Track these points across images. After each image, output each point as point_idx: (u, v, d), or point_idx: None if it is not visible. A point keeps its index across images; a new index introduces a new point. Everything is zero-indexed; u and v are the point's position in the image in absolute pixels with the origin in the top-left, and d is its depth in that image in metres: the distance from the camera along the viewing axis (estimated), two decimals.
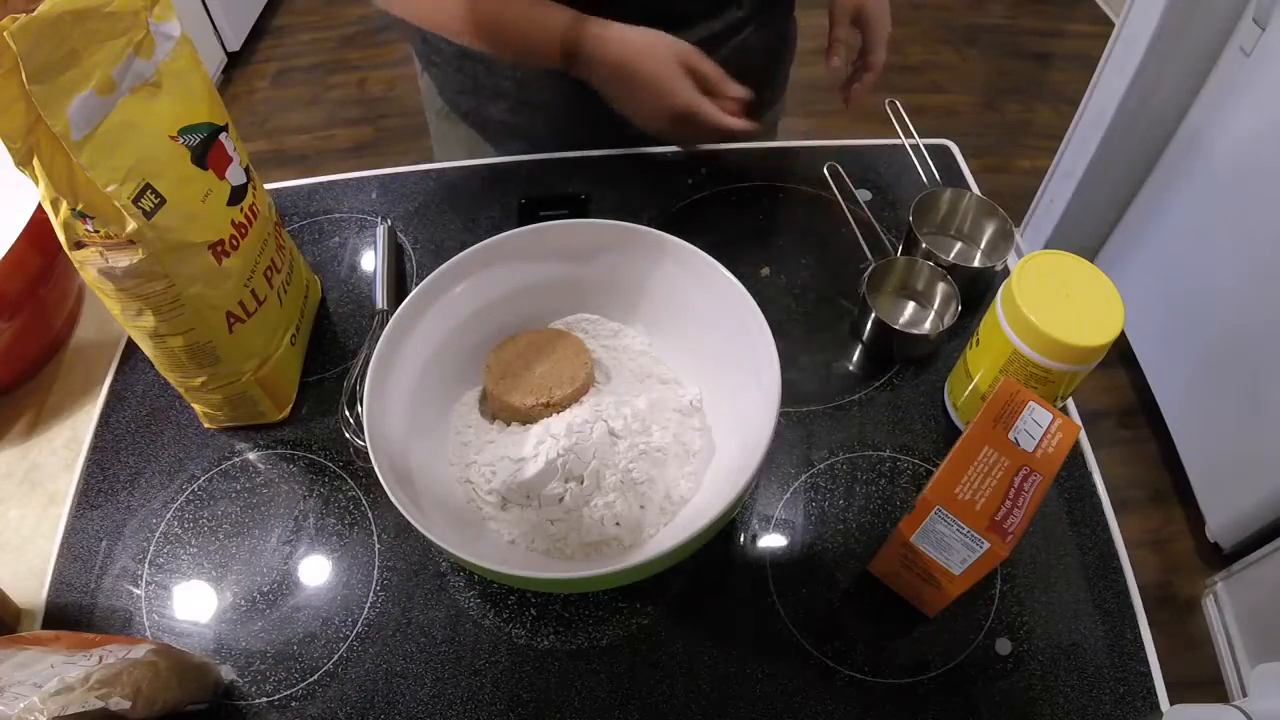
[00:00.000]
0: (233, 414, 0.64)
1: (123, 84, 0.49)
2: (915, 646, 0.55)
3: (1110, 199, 1.68)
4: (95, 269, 0.51)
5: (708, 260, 0.59)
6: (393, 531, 0.60)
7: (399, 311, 0.57)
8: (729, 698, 0.53)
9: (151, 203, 0.50)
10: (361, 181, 0.84)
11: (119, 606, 0.58)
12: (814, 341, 0.71)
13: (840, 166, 0.79)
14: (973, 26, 2.59)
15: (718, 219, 0.80)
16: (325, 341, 0.71)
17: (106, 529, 0.61)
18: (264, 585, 0.58)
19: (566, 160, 0.84)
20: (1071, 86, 1.77)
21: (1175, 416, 1.53)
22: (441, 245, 0.77)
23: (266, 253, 0.61)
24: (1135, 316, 1.66)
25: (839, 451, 0.64)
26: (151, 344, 0.57)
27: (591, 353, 0.63)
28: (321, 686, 0.54)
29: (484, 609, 0.57)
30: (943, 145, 0.85)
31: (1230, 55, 1.37)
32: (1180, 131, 1.51)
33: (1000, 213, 0.73)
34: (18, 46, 0.42)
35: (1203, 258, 1.46)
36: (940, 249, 0.72)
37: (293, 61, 2.51)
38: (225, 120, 0.57)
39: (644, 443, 0.56)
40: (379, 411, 0.53)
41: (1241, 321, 1.36)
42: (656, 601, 0.57)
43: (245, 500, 0.63)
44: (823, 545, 0.59)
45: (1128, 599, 0.57)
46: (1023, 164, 2.16)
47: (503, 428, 0.60)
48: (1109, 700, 0.53)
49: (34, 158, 0.46)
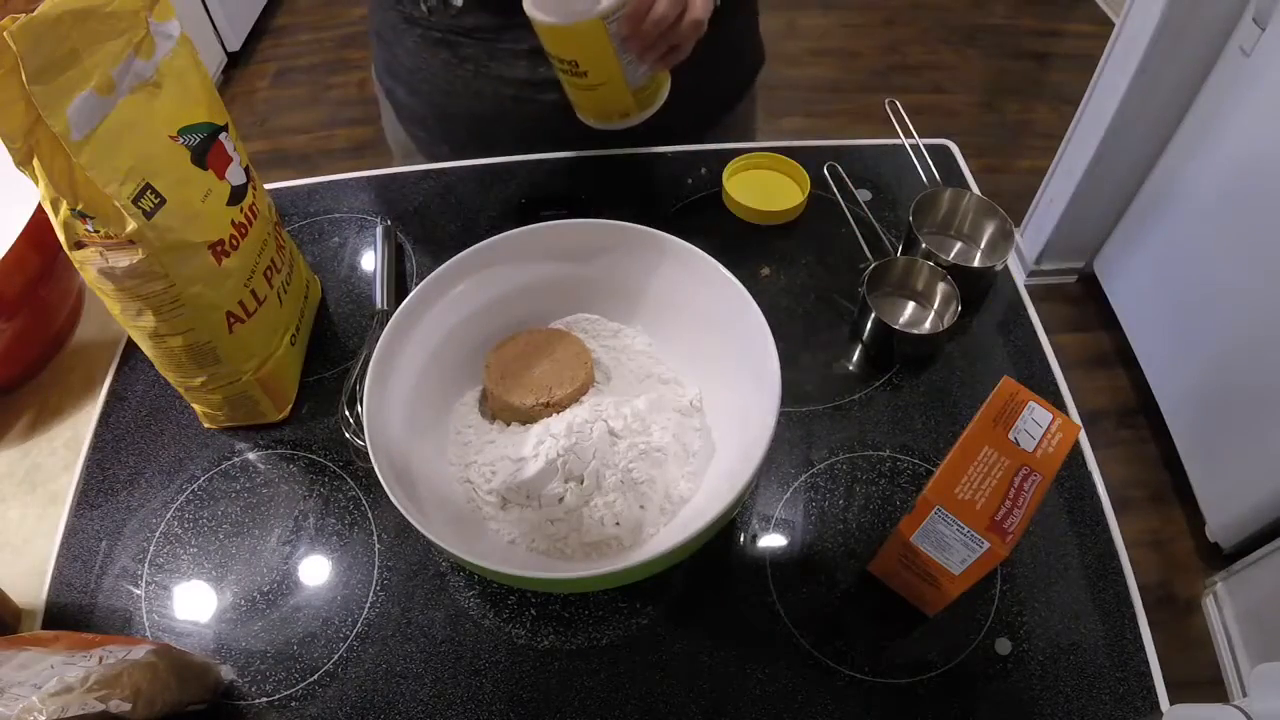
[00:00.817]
0: (233, 414, 0.64)
1: (123, 84, 0.49)
2: (915, 646, 0.55)
3: (1110, 199, 1.68)
4: (95, 269, 0.51)
5: (708, 260, 0.59)
6: (393, 531, 0.60)
7: (399, 311, 0.57)
8: (729, 698, 0.53)
9: (151, 203, 0.50)
10: (361, 181, 0.84)
11: (119, 606, 0.58)
12: (814, 341, 0.71)
13: (840, 166, 0.79)
14: (973, 26, 2.60)
15: (718, 219, 0.80)
16: (325, 341, 0.71)
17: (106, 529, 0.61)
18: (264, 585, 0.58)
19: (566, 160, 0.84)
20: (1071, 86, 1.77)
21: (1175, 416, 1.53)
22: (441, 245, 0.77)
23: (266, 253, 0.61)
24: (1135, 316, 1.67)
25: (839, 451, 0.64)
26: (151, 344, 0.57)
27: (591, 353, 0.63)
28: (321, 686, 0.54)
29: (484, 609, 0.57)
30: (943, 145, 0.85)
31: (1230, 55, 1.37)
32: (1180, 131, 1.51)
33: (1000, 212, 0.73)
34: (18, 46, 0.42)
35: (1203, 258, 1.46)
36: (940, 249, 0.72)
37: (293, 61, 2.51)
38: (225, 120, 0.57)
39: (644, 443, 0.56)
40: (379, 411, 0.53)
41: (1241, 321, 1.36)
42: (656, 601, 0.57)
43: (245, 500, 0.63)
44: (823, 545, 0.59)
45: (1128, 599, 0.57)
46: (1023, 164, 2.16)
47: (503, 428, 0.60)
48: (1109, 700, 0.53)
49: (34, 158, 0.46)
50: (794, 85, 2.39)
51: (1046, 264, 1.85)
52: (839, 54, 2.50)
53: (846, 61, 2.48)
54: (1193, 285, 1.49)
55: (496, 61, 0.82)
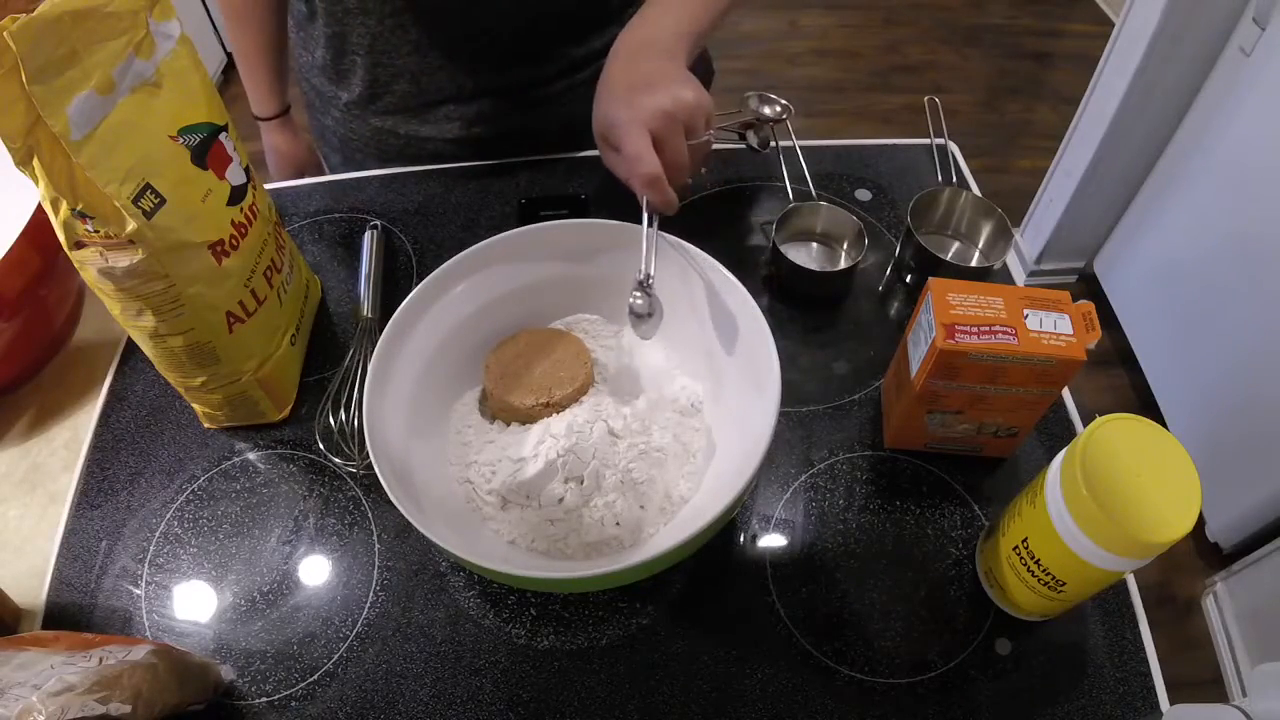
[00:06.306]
0: (233, 414, 0.64)
1: (123, 84, 0.49)
2: (915, 646, 0.55)
3: (1110, 199, 1.68)
4: (95, 269, 0.51)
5: (708, 260, 0.59)
6: (393, 531, 0.60)
7: (399, 311, 0.57)
8: (729, 698, 0.53)
9: (151, 203, 0.50)
10: (361, 181, 0.84)
11: (119, 606, 0.58)
12: (814, 341, 0.71)
13: (840, 166, 0.79)
14: (973, 26, 2.60)
15: (718, 219, 0.80)
16: (325, 341, 0.71)
17: (106, 529, 0.61)
18: (264, 585, 0.58)
19: (566, 160, 0.84)
20: (1071, 86, 1.77)
21: (1175, 416, 1.53)
22: (441, 245, 0.77)
23: (266, 253, 0.61)
24: (1136, 316, 1.67)
25: (839, 451, 0.64)
26: (151, 344, 0.57)
27: (591, 353, 0.63)
28: (321, 686, 0.54)
29: (484, 609, 0.57)
30: (942, 145, 0.85)
31: (1230, 55, 1.37)
32: (1180, 131, 1.51)
33: (998, 212, 0.73)
34: (18, 47, 0.42)
35: (1203, 258, 1.46)
36: (938, 248, 0.72)
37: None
38: (225, 120, 0.57)
39: (644, 443, 0.56)
40: (379, 411, 0.53)
41: (1241, 321, 1.36)
42: (656, 601, 0.57)
43: (245, 500, 0.63)
44: (823, 545, 0.59)
45: (1128, 599, 0.57)
46: (1023, 164, 2.16)
47: (503, 428, 0.60)
48: (1109, 700, 0.53)
49: (34, 158, 0.46)
50: (794, 85, 2.39)
51: (1047, 264, 1.85)
52: (839, 54, 2.50)
53: (846, 61, 2.48)
54: (1193, 285, 1.49)
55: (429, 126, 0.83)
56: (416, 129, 0.84)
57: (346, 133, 0.87)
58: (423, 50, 0.77)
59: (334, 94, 0.84)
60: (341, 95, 0.83)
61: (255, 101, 0.92)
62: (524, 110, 0.83)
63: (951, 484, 0.62)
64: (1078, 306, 0.54)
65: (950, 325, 0.53)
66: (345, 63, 0.80)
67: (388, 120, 0.84)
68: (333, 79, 0.83)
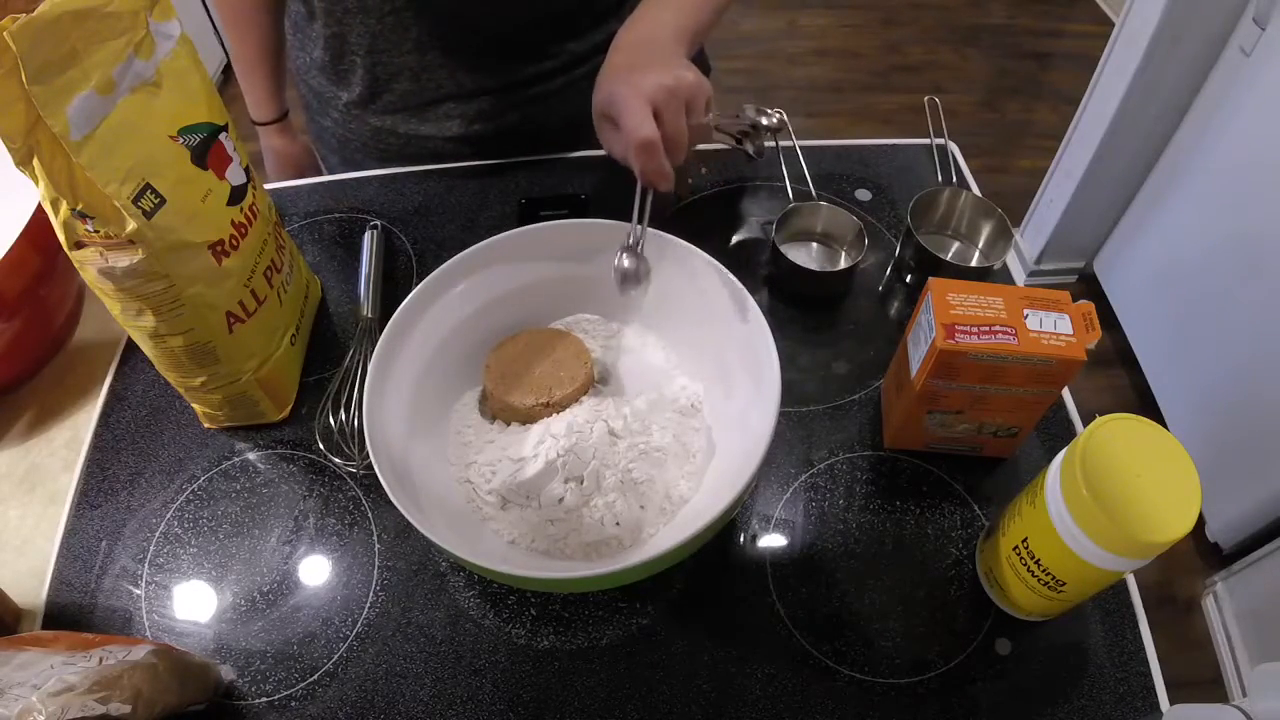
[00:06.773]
0: (233, 414, 0.64)
1: (123, 84, 0.49)
2: (915, 646, 0.55)
3: (1110, 199, 1.68)
4: (95, 269, 0.51)
5: (708, 260, 0.59)
6: (393, 531, 0.60)
7: (398, 312, 0.57)
8: (729, 698, 0.53)
9: (151, 203, 0.50)
10: (361, 181, 0.84)
11: (119, 606, 0.58)
12: (814, 341, 0.71)
13: (840, 167, 0.79)
14: (973, 26, 2.60)
15: (717, 219, 0.80)
16: (325, 341, 0.71)
17: (106, 529, 0.61)
18: (264, 585, 0.58)
19: (566, 160, 0.84)
20: (1071, 86, 1.77)
21: (1175, 416, 1.53)
22: (441, 245, 0.77)
23: (266, 253, 0.61)
24: (1136, 316, 1.67)
25: (839, 451, 0.64)
26: (151, 344, 0.57)
27: (591, 353, 0.63)
28: (321, 686, 0.54)
29: (484, 609, 0.57)
30: (942, 145, 0.85)
31: (1230, 55, 1.37)
32: (1180, 131, 1.51)
33: (998, 212, 0.73)
34: (18, 46, 0.42)
35: (1202, 258, 1.46)
36: (938, 248, 0.72)
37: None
38: (225, 120, 0.57)
39: (644, 443, 0.56)
40: (379, 411, 0.53)
41: (1241, 321, 1.36)
42: (656, 601, 0.57)
43: (245, 500, 0.63)
44: (823, 545, 0.59)
45: (1128, 599, 0.57)
46: (1023, 164, 2.16)
47: (503, 428, 0.60)
48: (1109, 700, 0.53)
49: (34, 158, 0.46)
50: (794, 85, 2.39)
51: (1047, 264, 1.85)
52: (839, 54, 2.50)
53: (846, 61, 2.48)
54: (1193, 285, 1.49)
55: (429, 124, 0.83)
56: (416, 127, 0.84)
57: (345, 133, 0.87)
58: (423, 48, 0.77)
59: (333, 94, 0.84)
60: (341, 95, 0.83)
61: (254, 106, 0.92)
62: (524, 107, 0.83)
63: (951, 484, 0.62)
64: (1078, 306, 0.54)
65: (950, 325, 0.53)
66: (345, 62, 0.80)
67: (387, 119, 0.84)
68: (332, 79, 0.83)
